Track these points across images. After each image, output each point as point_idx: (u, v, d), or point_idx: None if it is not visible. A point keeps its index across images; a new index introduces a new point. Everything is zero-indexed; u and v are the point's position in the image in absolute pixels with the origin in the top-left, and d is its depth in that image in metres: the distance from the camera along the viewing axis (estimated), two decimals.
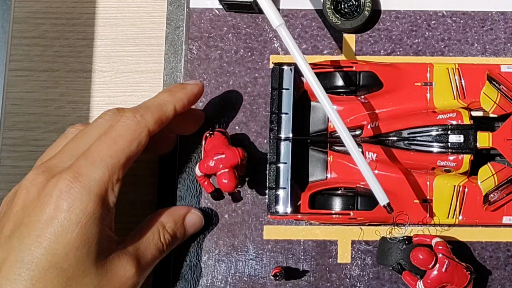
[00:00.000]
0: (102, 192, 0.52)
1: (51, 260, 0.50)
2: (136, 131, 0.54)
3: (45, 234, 0.50)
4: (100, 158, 0.52)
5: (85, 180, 0.51)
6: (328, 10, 0.61)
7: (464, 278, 0.56)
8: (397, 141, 0.58)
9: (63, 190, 0.51)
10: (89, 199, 0.51)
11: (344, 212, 0.58)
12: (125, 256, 0.54)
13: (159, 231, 0.57)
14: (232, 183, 0.56)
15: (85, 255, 0.51)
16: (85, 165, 0.52)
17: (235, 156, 0.56)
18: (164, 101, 0.56)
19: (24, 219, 0.51)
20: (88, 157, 0.52)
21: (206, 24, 0.63)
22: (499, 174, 0.57)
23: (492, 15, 0.62)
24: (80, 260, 0.51)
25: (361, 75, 0.59)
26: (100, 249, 0.52)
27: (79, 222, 0.51)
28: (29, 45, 0.64)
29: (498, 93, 0.57)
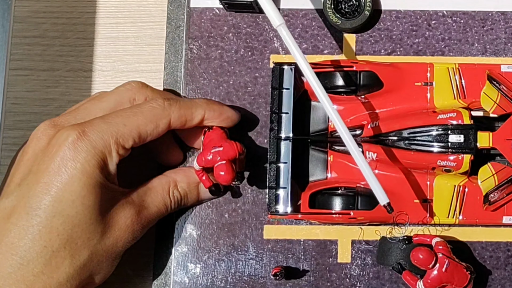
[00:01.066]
0: (106, 151, 0.54)
1: (58, 207, 0.52)
2: (157, 115, 0.56)
3: (52, 181, 0.52)
4: (114, 122, 0.54)
5: (92, 135, 0.53)
6: (329, 10, 0.61)
7: (464, 278, 0.56)
8: (397, 140, 0.58)
9: (71, 141, 0.53)
10: (93, 153, 0.53)
11: (344, 211, 0.58)
12: (128, 206, 0.55)
13: (170, 187, 0.58)
14: (229, 175, 0.56)
15: (92, 203, 0.53)
16: (97, 123, 0.54)
17: (233, 149, 0.56)
18: (197, 105, 0.58)
19: (33, 167, 0.54)
20: (104, 118, 0.55)
21: (207, 23, 0.63)
22: (499, 174, 0.57)
23: (492, 15, 0.62)
24: (86, 208, 0.53)
25: (362, 74, 0.59)
26: (105, 198, 0.54)
27: (84, 172, 0.53)
28: (30, 44, 0.64)
29: (498, 93, 0.57)
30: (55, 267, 0.52)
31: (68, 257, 0.53)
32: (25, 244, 0.52)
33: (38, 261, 0.52)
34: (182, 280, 0.60)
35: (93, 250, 0.54)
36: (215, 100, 0.61)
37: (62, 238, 0.52)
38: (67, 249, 0.53)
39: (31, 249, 0.52)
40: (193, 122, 0.57)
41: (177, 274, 0.60)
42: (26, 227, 0.52)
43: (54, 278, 0.52)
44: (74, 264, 0.53)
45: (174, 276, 0.60)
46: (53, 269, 0.52)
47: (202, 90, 0.62)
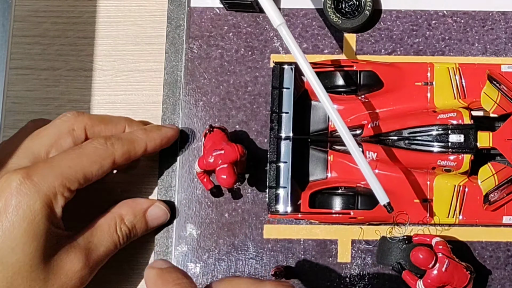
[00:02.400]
0: (51, 194, 0.53)
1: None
2: (101, 156, 0.55)
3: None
4: (58, 165, 0.54)
5: (36, 179, 0.53)
6: (329, 10, 0.61)
7: (464, 277, 0.56)
8: (397, 140, 0.58)
9: (14, 187, 0.52)
10: (37, 198, 0.52)
11: (344, 211, 0.58)
12: (74, 250, 0.54)
13: (116, 223, 0.57)
14: (231, 178, 0.56)
15: (33, 250, 0.52)
16: (42, 166, 0.53)
17: (234, 152, 0.56)
18: (138, 138, 0.58)
19: None
20: (48, 161, 0.54)
21: (207, 23, 0.63)
22: (499, 174, 0.57)
23: (492, 15, 0.62)
24: (27, 255, 0.52)
25: (362, 74, 0.59)
26: (48, 245, 0.53)
27: (26, 218, 0.52)
28: (30, 43, 0.64)
29: (499, 92, 0.57)
30: None
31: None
32: None
33: None
34: None
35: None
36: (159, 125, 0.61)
37: (2, 286, 0.52)
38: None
39: None
40: (136, 156, 0.57)
41: None
42: None
43: None
44: None
45: None
46: None
47: (202, 89, 0.62)
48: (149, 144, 0.58)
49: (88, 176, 0.55)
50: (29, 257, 0.52)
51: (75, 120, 0.57)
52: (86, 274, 0.55)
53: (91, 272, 0.56)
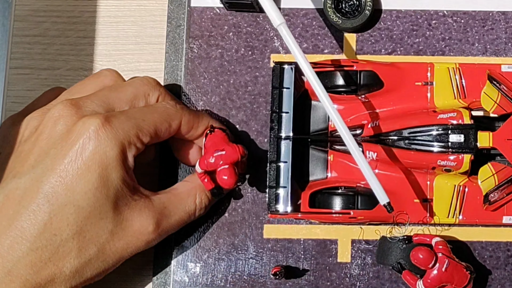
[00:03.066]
0: (126, 142, 0.53)
1: (70, 197, 0.52)
2: (171, 115, 0.56)
3: (68, 170, 0.52)
4: (134, 116, 0.54)
5: (115, 127, 0.53)
6: (329, 9, 0.61)
7: (464, 277, 0.56)
8: (397, 140, 0.58)
9: (92, 131, 0.52)
10: (114, 144, 0.53)
11: (344, 211, 0.58)
12: (147, 211, 0.54)
13: (197, 193, 0.57)
14: (232, 179, 0.56)
15: (104, 197, 0.52)
16: (118, 116, 0.54)
17: (235, 153, 0.56)
18: (204, 115, 0.59)
19: (50, 151, 0.53)
20: (124, 113, 0.54)
21: (207, 23, 0.63)
22: (499, 174, 0.57)
23: (493, 15, 0.62)
24: (98, 200, 0.52)
25: (362, 74, 0.59)
26: (120, 195, 0.53)
27: (102, 163, 0.52)
28: (30, 43, 0.64)
29: (499, 92, 0.57)
30: (62, 256, 0.52)
31: (75, 249, 0.52)
32: (35, 230, 0.51)
33: (47, 248, 0.52)
34: (182, 279, 0.60)
35: (101, 248, 0.53)
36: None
37: (72, 229, 0.52)
38: (75, 240, 0.52)
39: (41, 236, 0.51)
40: (198, 130, 0.58)
41: (177, 273, 0.60)
42: (37, 213, 0.51)
43: (59, 268, 0.52)
44: (80, 257, 0.53)
45: (174, 275, 0.60)
46: (60, 258, 0.52)
47: (203, 89, 0.62)
48: (216, 124, 0.58)
49: (158, 132, 0.55)
50: (100, 203, 0.52)
51: (153, 87, 0.58)
52: (154, 239, 0.55)
53: (159, 239, 0.56)
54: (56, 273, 0.52)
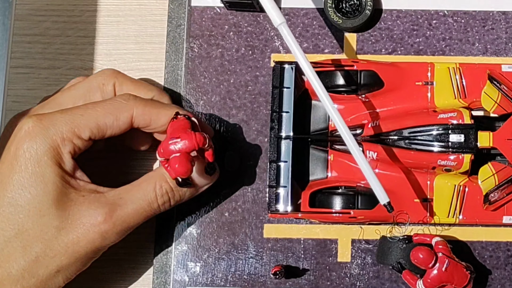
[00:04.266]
0: (58, 138, 0.53)
1: (8, 196, 0.52)
2: (118, 108, 0.55)
3: (4, 171, 0.53)
4: (70, 112, 0.54)
5: (45, 124, 0.53)
6: (330, 9, 0.61)
7: (464, 277, 0.56)
8: (397, 140, 0.58)
9: (25, 131, 0.53)
10: (44, 141, 0.53)
11: (345, 211, 0.58)
12: (97, 203, 0.53)
13: (156, 181, 0.55)
14: (183, 167, 0.53)
15: (42, 193, 0.52)
16: (53, 114, 0.54)
17: (190, 141, 0.53)
18: (164, 106, 0.57)
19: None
20: (63, 111, 0.54)
21: (207, 22, 0.63)
22: (499, 173, 0.57)
23: (493, 14, 0.62)
24: (36, 197, 0.52)
25: (362, 74, 0.60)
26: (61, 191, 0.53)
27: (33, 160, 0.52)
28: (30, 42, 0.64)
29: (499, 92, 0.57)
30: (6, 257, 0.52)
31: (20, 248, 0.52)
32: None
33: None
34: (182, 278, 0.60)
35: (48, 244, 0.52)
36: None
37: (14, 228, 0.52)
38: (18, 239, 0.52)
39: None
40: (158, 122, 0.56)
41: (177, 273, 0.60)
42: None
43: (6, 269, 0.52)
44: (25, 255, 0.52)
45: (174, 275, 0.60)
46: (5, 259, 0.52)
47: (203, 88, 0.62)
48: (181, 111, 0.56)
49: (102, 126, 0.54)
50: (37, 200, 0.52)
51: (107, 76, 0.57)
52: (108, 229, 0.53)
53: (116, 229, 0.54)
54: (4, 274, 0.52)
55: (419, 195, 0.58)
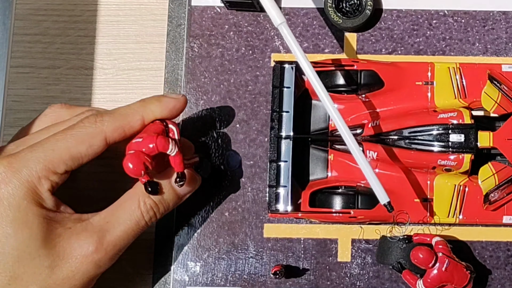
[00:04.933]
0: (34, 179, 0.51)
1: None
2: (89, 134, 0.53)
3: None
4: (41, 149, 0.52)
5: (17, 167, 0.51)
6: (330, 9, 0.61)
7: (464, 277, 0.56)
8: (397, 140, 0.58)
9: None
10: (20, 185, 0.51)
11: (345, 210, 0.58)
12: (85, 232, 0.52)
13: (139, 198, 0.54)
14: (135, 167, 0.52)
15: (28, 237, 0.51)
16: (23, 153, 0.52)
17: (147, 143, 0.52)
18: (132, 111, 0.55)
19: None
20: (33, 148, 0.52)
21: (208, 22, 0.63)
22: (499, 173, 0.57)
23: (493, 14, 0.62)
24: (22, 243, 0.51)
25: (362, 74, 0.60)
26: (47, 230, 0.52)
27: (12, 207, 0.51)
28: (31, 42, 0.64)
29: (499, 92, 0.57)
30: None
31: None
32: None
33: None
34: (182, 278, 0.60)
35: (43, 285, 0.51)
36: (159, 96, 0.56)
37: (6, 276, 0.51)
38: (12, 286, 0.51)
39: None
40: (133, 130, 0.54)
41: (177, 272, 0.60)
42: None
43: None
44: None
45: (174, 274, 0.60)
46: None
47: (203, 88, 0.62)
48: (147, 116, 0.55)
49: (76, 156, 0.52)
50: (25, 244, 0.51)
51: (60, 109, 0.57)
52: (101, 257, 0.53)
53: (109, 255, 0.53)
54: None
55: (419, 195, 0.58)
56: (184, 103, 0.56)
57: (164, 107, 0.55)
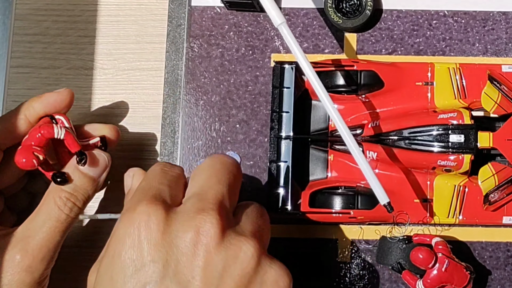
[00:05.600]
0: None
1: None
2: None
3: None
4: None
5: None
6: (330, 9, 0.61)
7: (463, 278, 0.56)
8: (397, 140, 0.58)
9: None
10: None
11: (344, 211, 0.58)
12: (9, 246, 0.52)
13: (52, 196, 0.54)
14: (25, 159, 0.52)
15: None
16: None
17: (36, 133, 0.54)
18: (15, 113, 0.55)
19: None
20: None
21: (208, 22, 0.63)
22: (499, 174, 0.57)
23: (493, 15, 0.62)
24: None
25: (362, 74, 0.60)
26: None
27: None
28: (31, 42, 0.64)
29: (499, 93, 0.57)
30: None
31: None
32: None
33: None
34: None
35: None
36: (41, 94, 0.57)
37: None
38: None
39: None
40: (21, 130, 0.55)
41: None
42: None
43: None
44: None
45: None
46: None
47: (203, 88, 0.62)
48: (29, 114, 0.55)
49: None
50: None
51: None
52: (30, 262, 0.52)
53: (38, 259, 0.53)
54: None
55: (419, 195, 0.58)
56: (67, 95, 0.56)
57: (45, 102, 0.56)
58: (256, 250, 0.45)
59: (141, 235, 0.44)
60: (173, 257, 0.44)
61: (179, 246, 0.44)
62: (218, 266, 0.44)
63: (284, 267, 0.47)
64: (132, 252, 0.44)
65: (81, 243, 0.61)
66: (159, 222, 0.44)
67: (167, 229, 0.44)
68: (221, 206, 0.46)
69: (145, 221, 0.44)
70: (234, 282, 0.44)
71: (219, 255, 0.44)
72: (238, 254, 0.45)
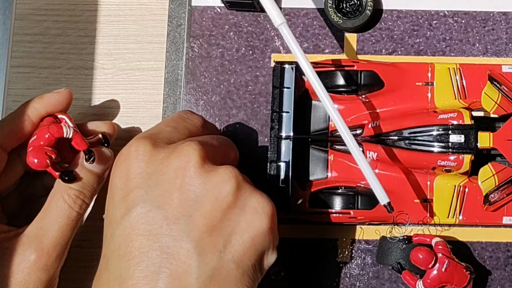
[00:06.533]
0: None
1: None
2: None
3: None
4: None
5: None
6: (330, 9, 0.61)
7: (463, 278, 0.56)
8: (397, 140, 0.58)
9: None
10: None
11: (344, 211, 0.58)
12: (23, 245, 0.53)
13: (61, 194, 0.54)
14: (37, 160, 0.53)
15: None
16: None
17: (45, 134, 0.54)
18: (18, 114, 0.56)
19: None
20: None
21: (208, 22, 0.63)
22: (499, 174, 0.57)
23: (493, 15, 0.62)
24: None
25: (362, 74, 0.60)
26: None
27: None
28: (31, 42, 0.64)
29: (499, 93, 0.57)
30: None
31: None
32: None
33: None
34: None
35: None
36: (42, 94, 0.58)
37: None
38: None
39: None
40: (25, 131, 0.55)
41: None
42: None
43: None
44: None
45: None
46: None
47: (203, 88, 0.62)
48: (32, 114, 0.55)
49: None
50: None
51: None
52: (46, 261, 0.53)
53: (53, 257, 0.53)
54: None
55: (419, 196, 0.58)
56: (67, 95, 0.57)
57: (47, 102, 0.56)
58: (235, 176, 0.48)
59: (128, 165, 0.48)
60: (155, 182, 0.47)
61: (161, 171, 0.48)
62: (196, 189, 0.47)
63: (265, 196, 0.49)
64: (120, 181, 0.48)
65: (81, 243, 0.61)
66: (145, 153, 0.48)
67: (152, 158, 0.48)
68: (206, 144, 0.49)
69: (134, 153, 0.49)
70: (211, 205, 0.47)
71: (197, 179, 0.47)
72: (217, 179, 0.48)
